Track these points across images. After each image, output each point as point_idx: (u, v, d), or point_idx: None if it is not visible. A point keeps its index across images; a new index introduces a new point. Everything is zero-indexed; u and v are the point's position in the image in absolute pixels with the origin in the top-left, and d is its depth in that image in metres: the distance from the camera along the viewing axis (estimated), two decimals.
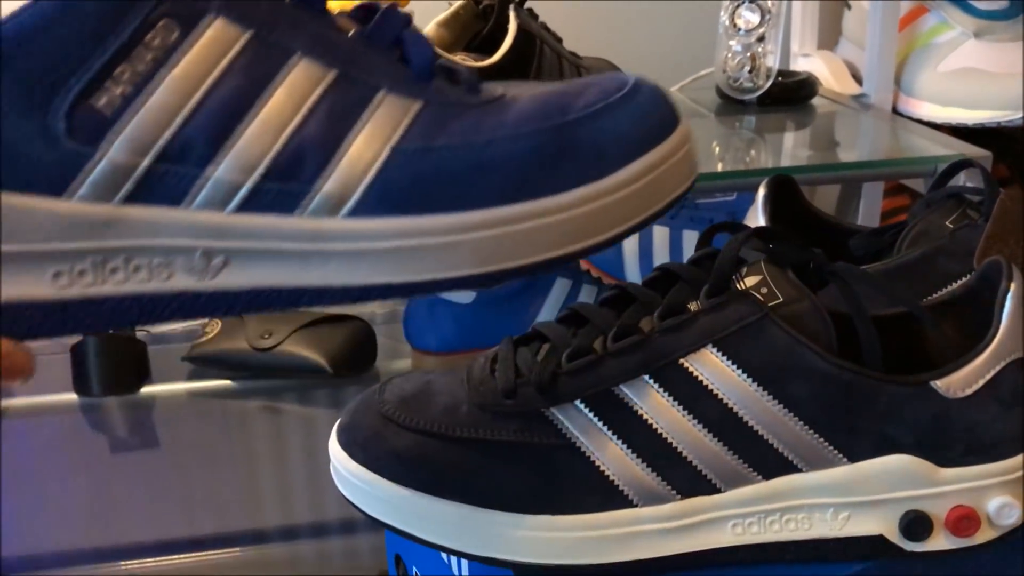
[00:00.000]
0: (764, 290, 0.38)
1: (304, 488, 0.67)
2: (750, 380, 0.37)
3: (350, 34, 0.32)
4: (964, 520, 0.38)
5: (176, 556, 0.61)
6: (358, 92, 0.30)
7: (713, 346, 0.37)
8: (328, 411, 0.73)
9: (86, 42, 0.28)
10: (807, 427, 0.37)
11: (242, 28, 0.29)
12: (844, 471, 0.38)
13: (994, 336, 0.38)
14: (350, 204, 0.30)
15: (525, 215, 0.30)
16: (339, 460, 0.40)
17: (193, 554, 0.61)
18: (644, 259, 0.78)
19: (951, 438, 0.38)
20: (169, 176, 0.29)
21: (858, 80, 0.89)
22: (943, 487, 0.38)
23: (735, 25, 0.81)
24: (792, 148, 0.81)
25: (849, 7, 0.93)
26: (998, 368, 0.38)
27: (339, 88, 0.30)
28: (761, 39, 0.81)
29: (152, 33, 0.28)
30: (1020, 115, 0.76)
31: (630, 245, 0.78)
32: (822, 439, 0.38)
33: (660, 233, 0.78)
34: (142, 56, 0.28)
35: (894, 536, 0.38)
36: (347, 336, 0.76)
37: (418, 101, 0.31)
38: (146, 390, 0.77)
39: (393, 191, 0.30)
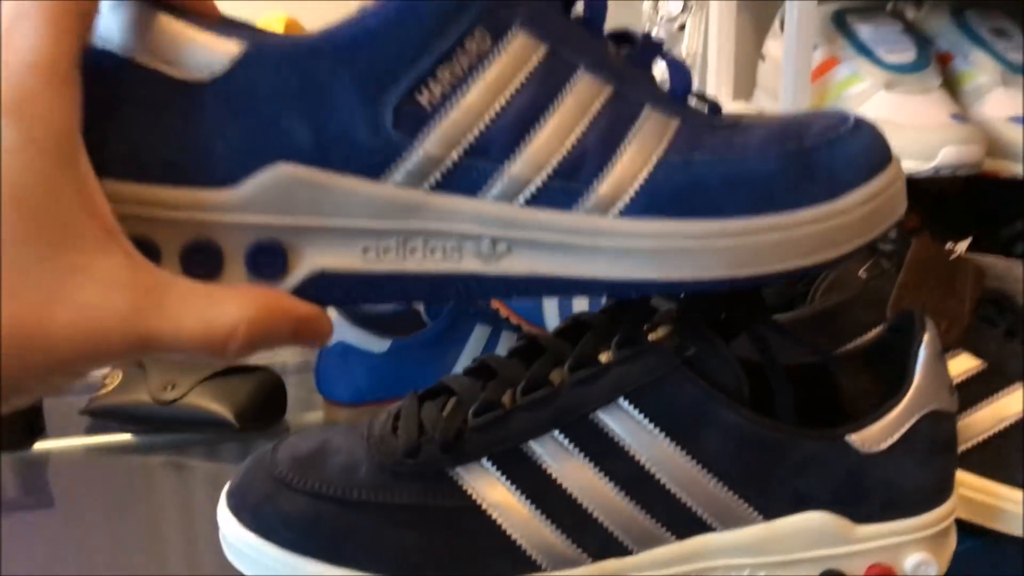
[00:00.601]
0: (676, 340, 0.37)
1: (212, 548, 0.64)
2: (662, 435, 0.36)
3: (619, 55, 0.35)
4: None
5: None
6: (628, 108, 0.34)
7: (625, 399, 0.36)
8: (236, 467, 0.71)
9: (419, 45, 0.31)
10: (721, 483, 0.37)
11: (540, 41, 0.33)
12: (759, 529, 0.37)
13: (908, 389, 0.38)
14: (620, 205, 0.33)
15: (772, 227, 0.33)
16: (228, 526, 0.38)
17: None
18: (564, 307, 0.77)
19: (867, 493, 0.37)
20: (472, 169, 0.32)
21: None
22: (860, 544, 0.38)
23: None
24: None
25: (763, 59, 0.95)
26: (912, 421, 0.38)
27: (614, 102, 0.34)
28: (683, 28, 0.81)
29: (470, 40, 0.32)
30: (931, 165, 0.78)
31: None
32: (736, 496, 0.37)
33: None
34: (460, 60, 0.32)
35: None
36: (254, 387, 0.74)
37: (676, 119, 0.34)
38: (40, 445, 0.74)
39: (657, 197, 0.33)
